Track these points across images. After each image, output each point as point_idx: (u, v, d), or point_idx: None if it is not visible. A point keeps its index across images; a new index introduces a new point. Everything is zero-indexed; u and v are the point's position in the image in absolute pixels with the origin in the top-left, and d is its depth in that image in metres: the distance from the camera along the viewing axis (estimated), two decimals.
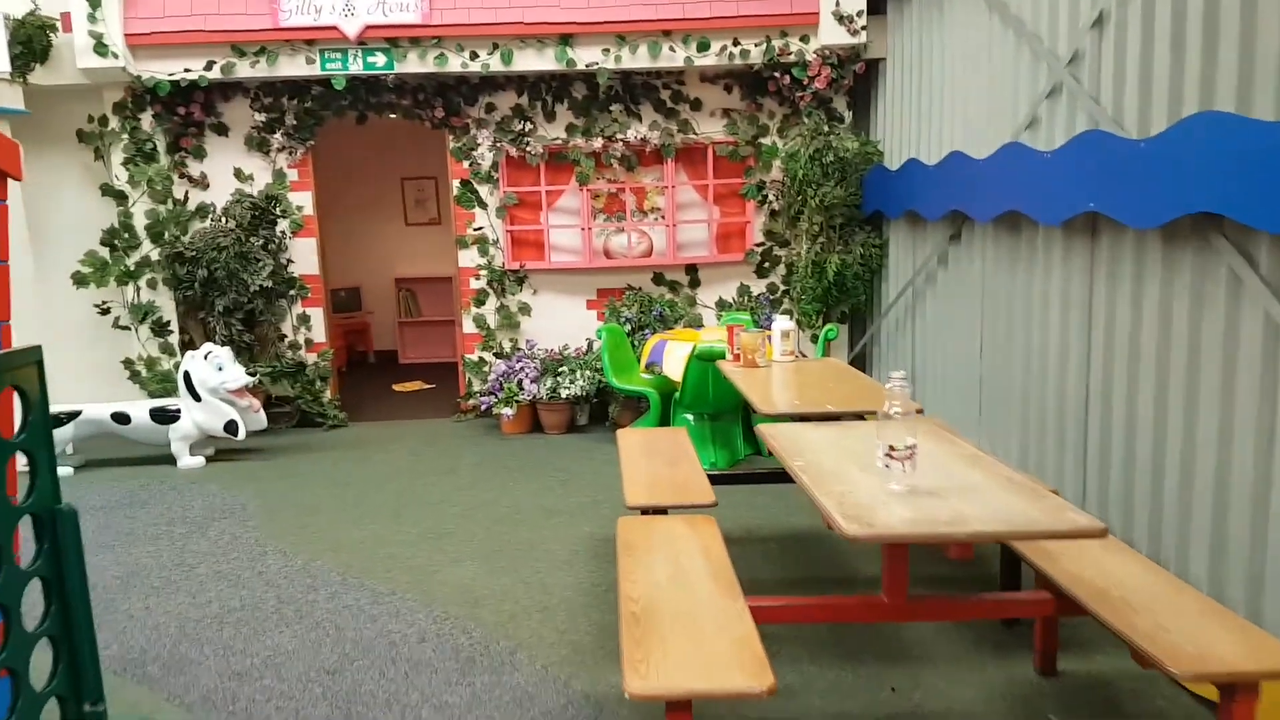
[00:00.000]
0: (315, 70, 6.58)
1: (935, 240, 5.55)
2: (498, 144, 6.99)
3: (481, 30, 6.52)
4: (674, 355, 5.74)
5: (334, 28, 6.45)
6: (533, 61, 6.62)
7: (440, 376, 9.07)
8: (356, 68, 6.59)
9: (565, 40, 6.57)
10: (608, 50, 6.58)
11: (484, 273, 7.19)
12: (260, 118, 6.96)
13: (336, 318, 9.76)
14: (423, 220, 10.20)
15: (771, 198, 7.07)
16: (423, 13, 6.44)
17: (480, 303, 7.23)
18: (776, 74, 6.67)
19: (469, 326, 7.28)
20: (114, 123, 6.77)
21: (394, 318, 10.14)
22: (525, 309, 7.21)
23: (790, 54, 6.59)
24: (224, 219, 6.88)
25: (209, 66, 6.53)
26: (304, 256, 7.21)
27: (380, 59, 6.58)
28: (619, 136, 6.88)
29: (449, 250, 9.93)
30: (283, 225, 7.12)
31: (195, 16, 6.44)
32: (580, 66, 6.61)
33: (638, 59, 6.60)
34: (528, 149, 6.92)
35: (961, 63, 5.16)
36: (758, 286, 7.21)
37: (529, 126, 7.00)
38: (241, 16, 6.44)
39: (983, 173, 4.60)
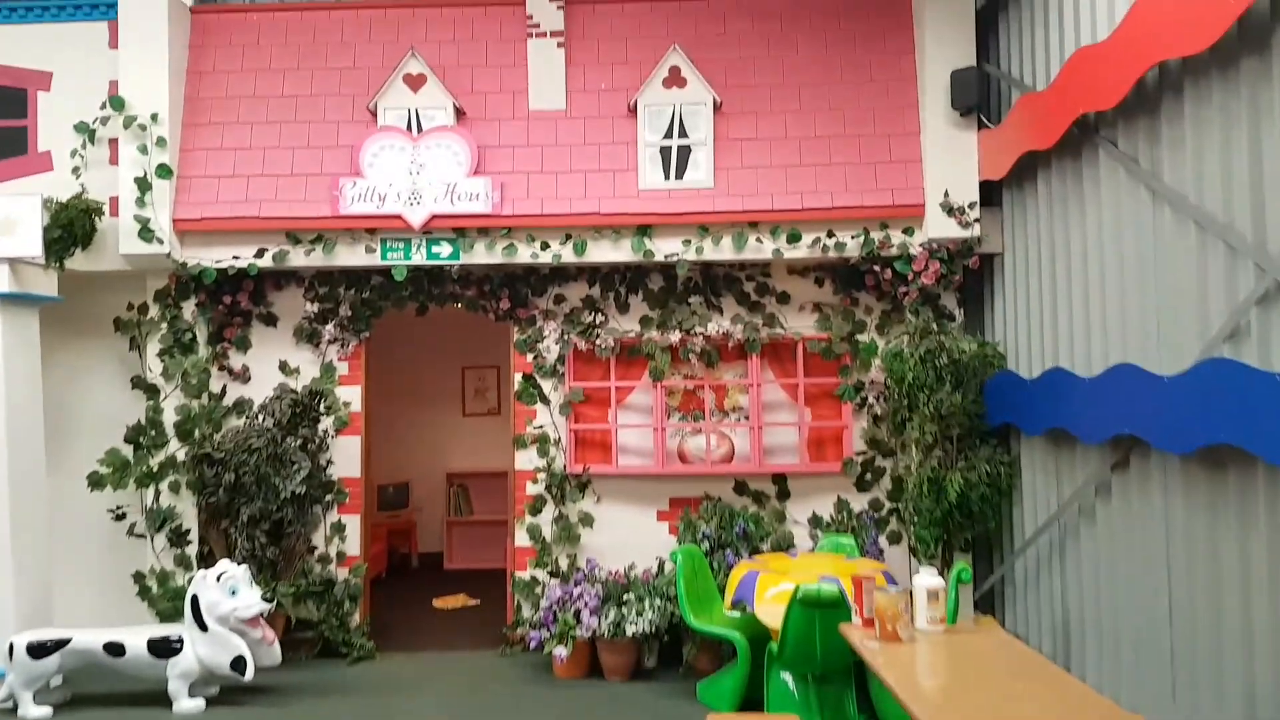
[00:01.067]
0: (375, 260, 6.08)
1: (1092, 466, 4.60)
2: (565, 336, 6.34)
3: (554, 221, 6.01)
4: (769, 594, 4.75)
5: (397, 217, 5.99)
6: (607, 252, 6.06)
7: (488, 587, 8.11)
8: (419, 258, 6.08)
9: (643, 231, 6.02)
10: (689, 241, 6.01)
11: (542, 476, 6.37)
12: (313, 308, 6.44)
13: (380, 516, 8.97)
14: (481, 411, 9.54)
15: (872, 400, 6.23)
16: (493, 203, 5.97)
17: (536, 510, 6.37)
18: (876, 267, 6.00)
19: (522, 538, 6.39)
20: (154, 311, 6.28)
21: (443, 516, 9.29)
22: (587, 519, 6.32)
23: (891, 247, 5.93)
24: (260, 416, 6.23)
25: (260, 254, 6.07)
26: (346, 457, 6.49)
27: (445, 249, 6.08)
28: (698, 330, 6.19)
29: (508, 440, 9.24)
30: (326, 423, 6.45)
31: (250, 202, 6.04)
32: (659, 258, 6.02)
33: (721, 250, 6.00)
34: (597, 342, 6.26)
35: (1116, 259, 4.40)
36: (858, 501, 6.26)
37: (600, 318, 6.36)
38: (300, 203, 6.03)
39: (1169, 392, 3.72)
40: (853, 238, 5.95)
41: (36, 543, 5.58)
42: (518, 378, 6.45)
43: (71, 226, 5.73)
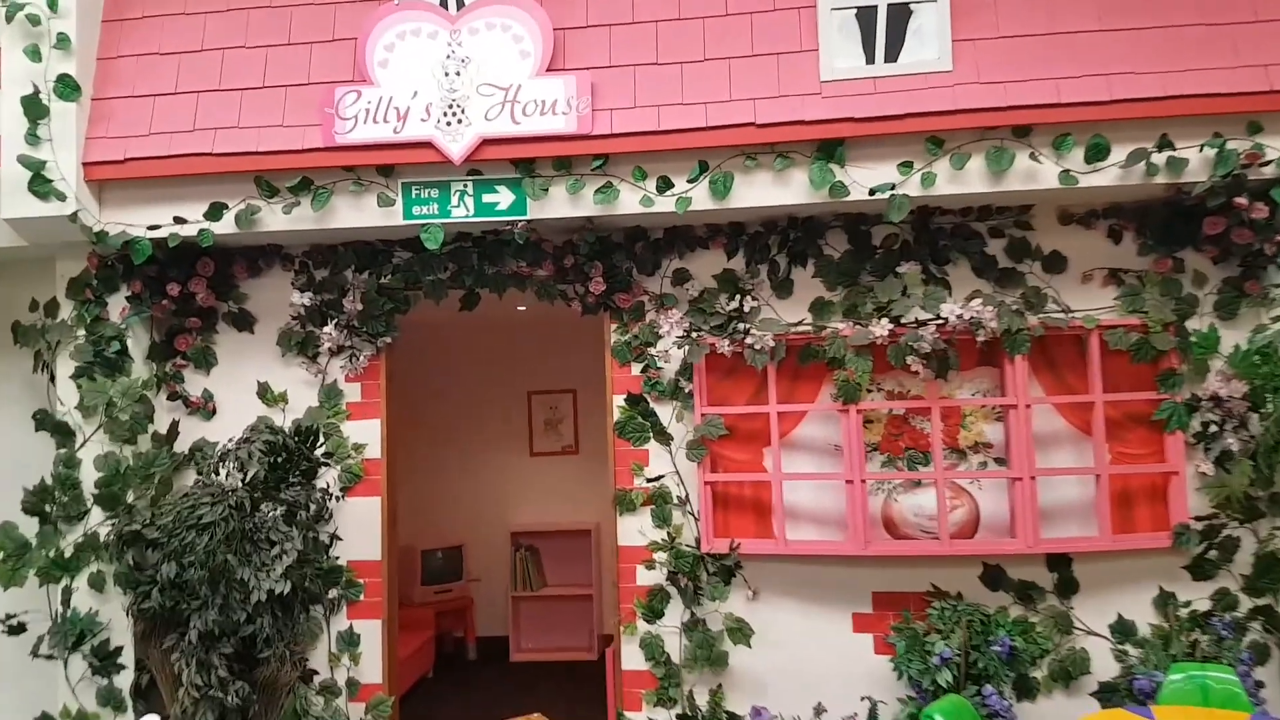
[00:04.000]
0: (394, 218, 3.81)
1: None
2: (693, 334, 3.97)
3: (678, 141, 3.65)
4: None
5: (427, 144, 3.71)
6: (766, 192, 3.69)
7: (566, 687, 5.74)
8: (463, 212, 3.78)
9: (829, 152, 3.62)
10: (908, 166, 3.59)
11: (663, 555, 3.99)
12: (305, 300, 4.18)
13: (425, 593, 6.65)
14: (553, 449, 7.17)
15: (1218, 427, 3.71)
16: (579, 116, 3.64)
17: (654, 611, 3.99)
18: (1236, 201, 3.50)
19: (632, 659, 4.01)
20: (66, 311, 4.08)
21: (506, 589, 6.92)
22: (738, 629, 3.89)
23: (1266, 162, 3.43)
24: (221, 471, 3.97)
25: (216, 213, 3.84)
26: (360, 528, 4.21)
27: (503, 197, 3.77)
28: (918, 317, 3.76)
29: (588, 487, 6.90)
30: (327, 477, 4.17)
31: (199, 133, 3.82)
32: (854, 195, 3.62)
33: (964, 179, 3.58)
34: (746, 341, 3.87)
35: None
36: (1194, 595, 3.73)
37: (748, 304, 3.97)
38: (276, 131, 3.79)
39: None
40: (1198, 150, 3.47)
41: None
42: (618, 402, 4.10)
43: None
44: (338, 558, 4.19)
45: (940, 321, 3.73)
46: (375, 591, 4.20)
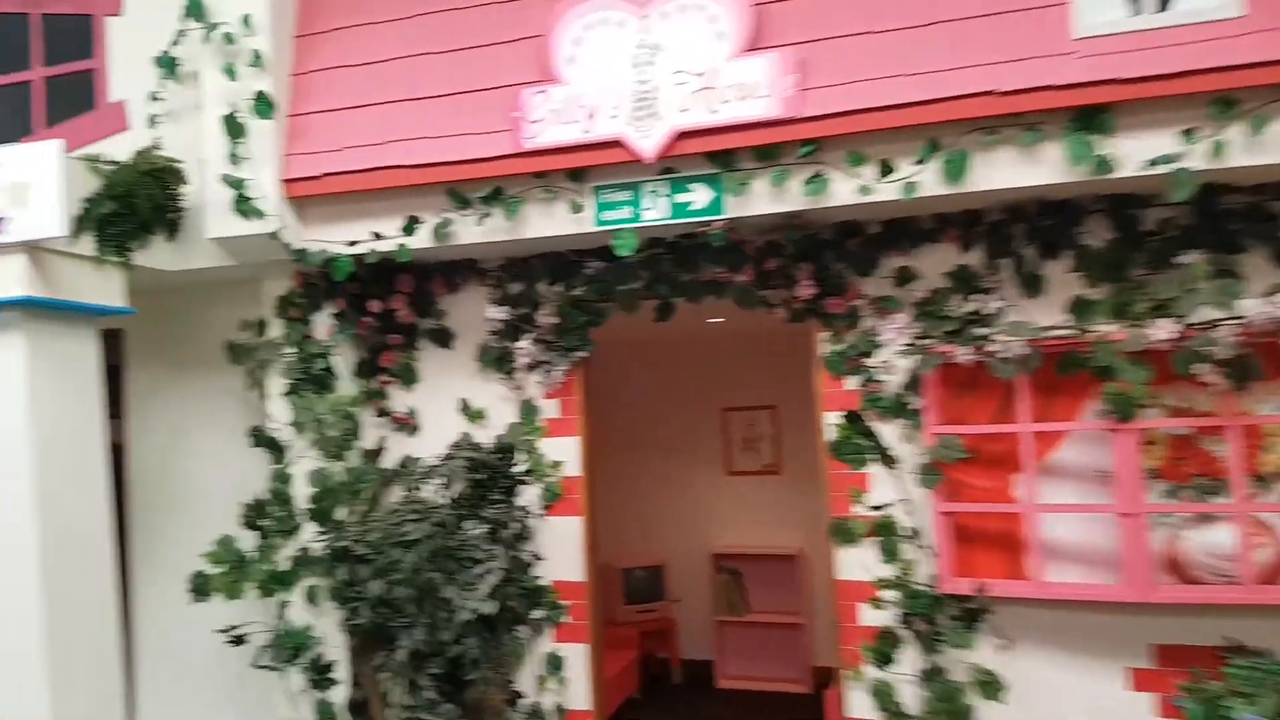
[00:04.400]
0: (584, 225, 3.56)
1: None
2: (921, 342, 3.46)
3: (900, 118, 3.16)
4: None
5: (615, 143, 3.42)
6: (1010, 171, 3.12)
7: (781, 717, 5.36)
8: (656, 214, 3.47)
9: (1088, 120, 3.01)
10: (1189, 134, 2.92)
11: (892, 595, 3.51)
12: (498, 314, 4.03)
13: (628, 612, 6.46)
14: (753, 468, 6.76)
15: None
16: (783, 98, 3.23)
17: (883, 658, 3.51)
18: None
19: (859, 706, 3.55)
20: (275, 330, 4.14)
21: (710, 612, 6.59)
22: (988, 683, 3.35)
23: None
24: (424, 486, 3.89)
25: (411, 227, 3.74)
26: (561, 548, 4.01)
27: (700, 195, 3.43)
28: (1208, 318, 3.07)
29: (793, 510, 6.46)
30: (528, 495, 4.00)
31: (393, 146, 3.71)
32: (1125, 172, 2.99)
33: (1263, 148, 2.86)
34: (988, 349, 3.31)
35: None
36: None
37: (990, 305, 3.41)
38: (466, 140, 3.63)
39: None
40: None
41: (100, 674, 3.60)
42: (832, 420, 3.65)
43: (131, 198, 3.66)
44: (540, 578, 4.01)
45: (1239, 321, 3.02)
46: (579, 613, 3.99)
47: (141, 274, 3.86)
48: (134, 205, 3.66)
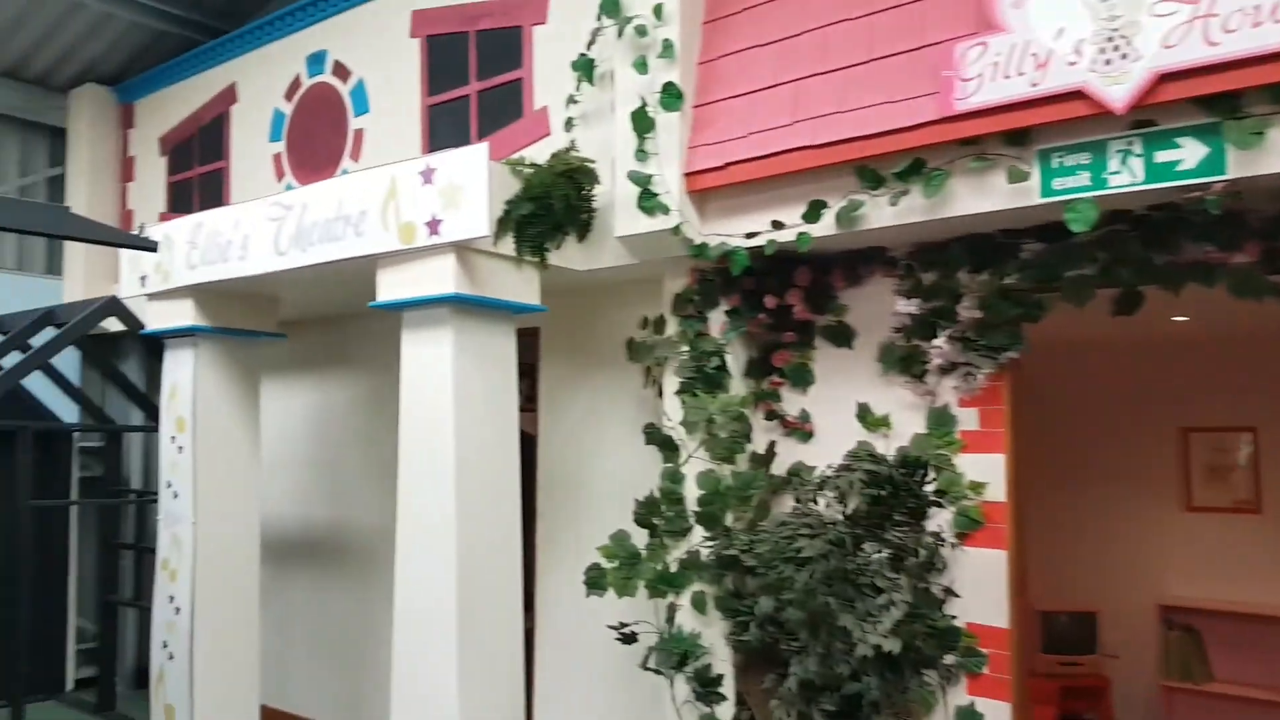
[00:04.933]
0: (1027, 198, 2.99)
1: None
2: None
3: None
4: None
5: (1076, 94, 2.81)
6: None
7: None
8: (1126, 178, 2.80)
9: None
10: None
11: None
12: (908, 308, 3.56)
13: (1048, 661, 5.57)
14: (1221, 504, 5.50)
15: None
16: None
17: None
18: None
19: None
20: (672, 327, 4.03)
21: (1154, 675, 5.45)
22: None
23: None
24: (817, 499, 3.53)
25: (814, 213, 3.40)
26: (980, 585, 3.43)
27: (1189, 152, 2.70)
28: None
29: (1276, 560, 5.13)
30: (939, 519, 3.48)
31: (797, 128, 3.42)
32: None
33: None
34: None
35: None
36: None
37: None
38: (880, 111, 3.22)
39: None
40: None
41: (505, 656, 3.77)
42: None
43: (547, 199, 3.75)
44: (954, 618, 3.45)
45: None
46: (1000, 665, 3.37)
47: (554, 273, 3.96)
48: (550, 206, 3.76)
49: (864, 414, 3.70)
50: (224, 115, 5.99)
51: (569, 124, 4.08)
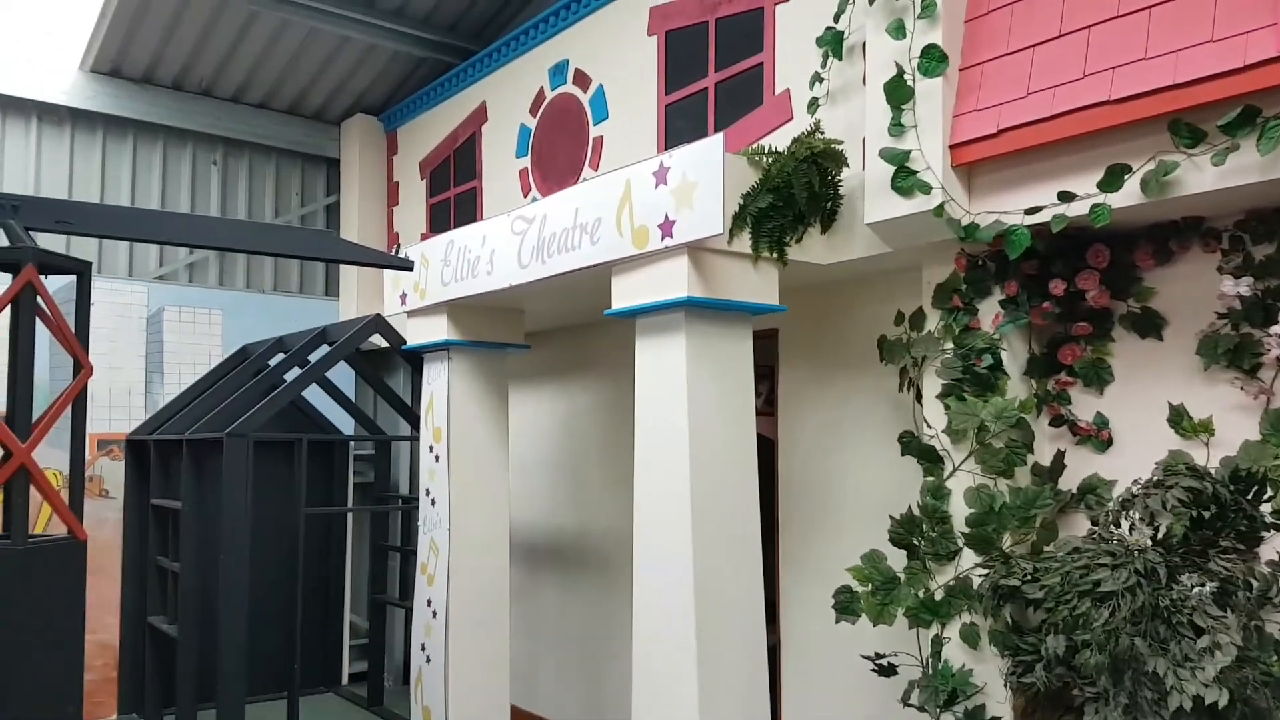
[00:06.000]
0: None
1: None
2: None
3: None
4: None
5: None
6: None
7: None
8: None
9: None
10: None
11: None
12: (1235, 290, 2.93)
13: None
14: None
15: None
16: None
17: None
18: None
19: None
20: (932, 322, 3.61)
21: None
22: None
23: None
24: (1119, 521, 2.97)
25: (1114, 180, 2.88)
26: None
27: None
28: None
29: None
30: (1279, 544, 2.83)
31: (1090, 79, 2.92)
32: None
33: None
34: None
35: None
36: None
37: None
38: (1198, 52, 2.67)
39: None
40: None
41: (747, 677, 3.53)
42: None
43: (788, 188, 3.47)
44: None
45: None
46: None
47: (794, 270, 3.68)
48: (790, 196, 3.48)
49: (1178, 418, 3.10)
50: (475, 135, 6.23)
51: (813, 105, 3.78)
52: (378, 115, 7.35)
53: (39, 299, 4.11)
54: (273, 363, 6.14)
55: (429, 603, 4.94)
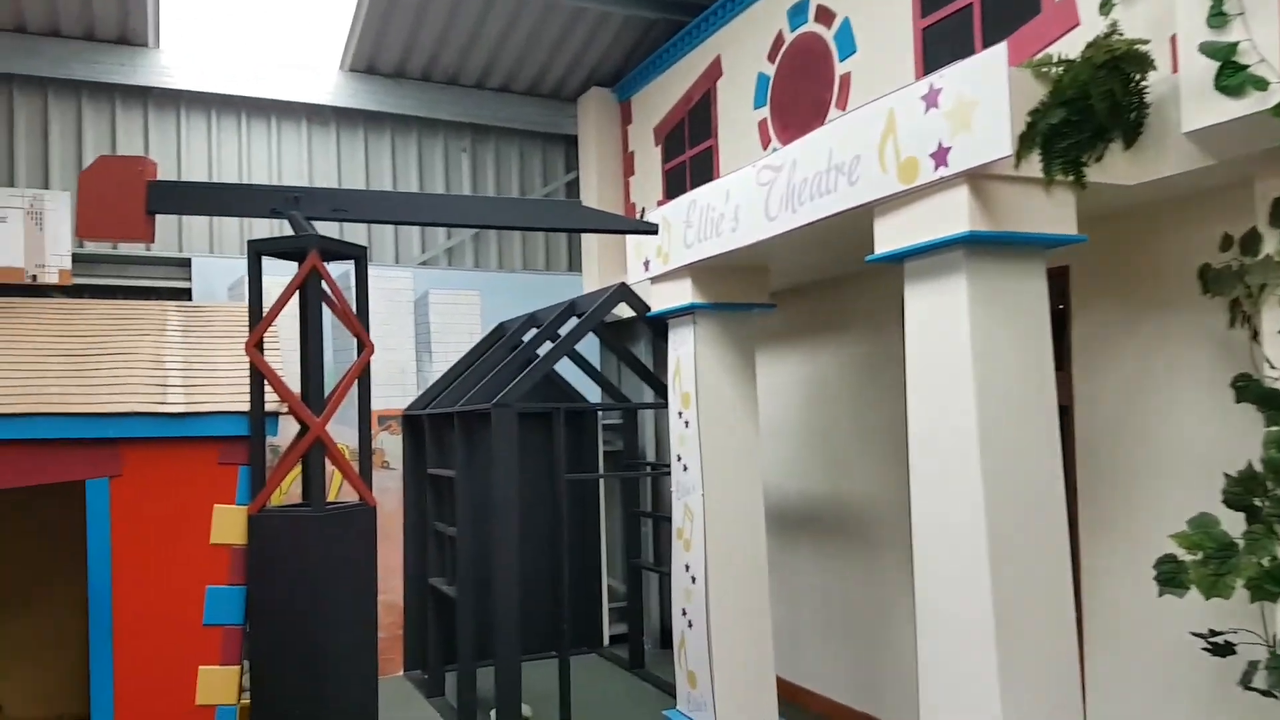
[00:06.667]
0: None
1: None
2: None
3: None
4: None
5: None
6: None
7: None
8: None
9: None
10: None
11: None
12: None
13: None
14: None
15: None
16: None
17: None
18: None
19: None
20: (1271, 244, 3.03)
21: None
22: None
23: None
24: None
25: None
26: None
27: None
28: None
29: None
30: None
31: None
32: None
33: None
34: None
35: None
36: None
37: None
38: None
39: None
40: None
41: (1052, 658, 3.14)
42: None
43: (1084, 99, 3.02)
44: None
45: None
46: None
47: (1092, 194, 3.22)
48: (1087, 109, 3.03)
49: None
50: (710, 92, 6.08)
51: (1106, 5, 3.28)
52: (611, 87, 7.38)
53: (323, 284, 4.41)
54: (526, 337, 6.35)
55: (687, 568, 4.90)
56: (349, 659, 4.11)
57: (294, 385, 4.20)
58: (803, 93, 5.21)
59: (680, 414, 5.01)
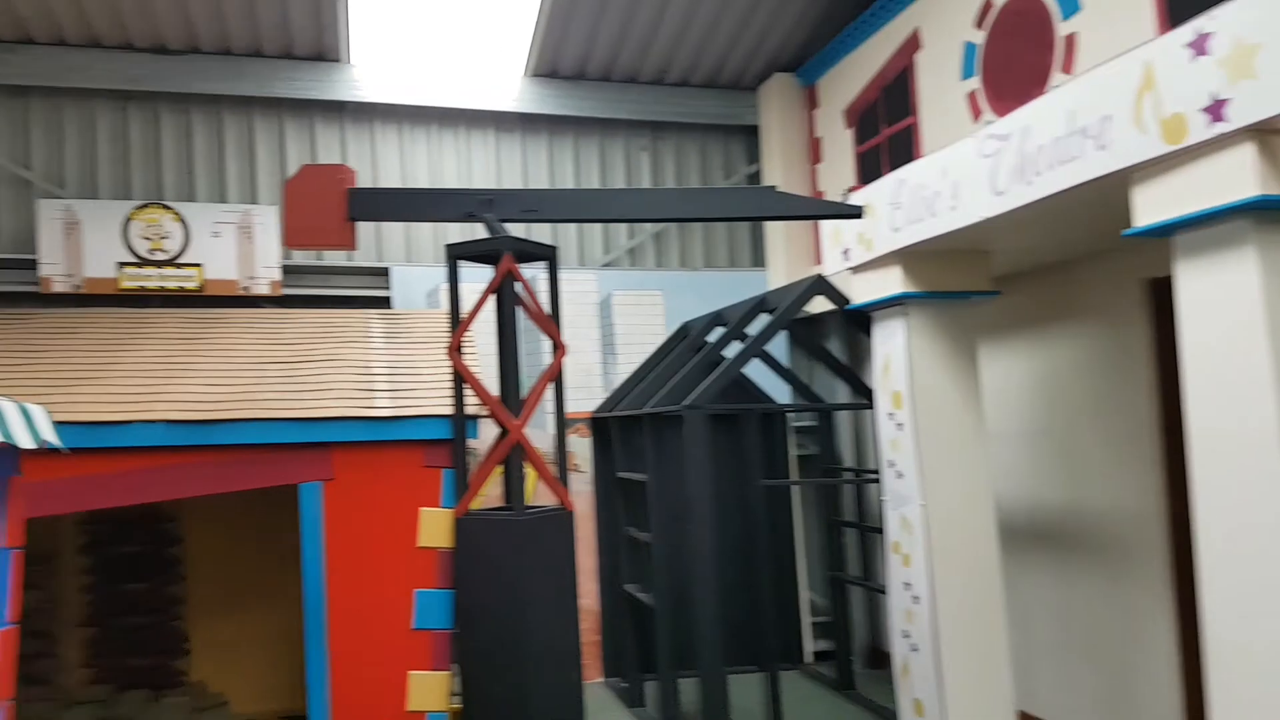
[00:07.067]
0: None
1: None
2: None
3: None
4: None
5: None
6: None
7: None
8: None
9: None
10: None
11: None
12: None
13: None
14: None
15: None
16: None
17: None
18: None
19: None
20: None
21: None
22: None
23: None
24: None
25: None
26: None
27: None
28: None
29: None
30: None
31: None
32: None
33: None
34: None
35: None
36: None
37: None
38: None
39: None
40: None
41: None
42: None
43: None
44: None
45: None
46: None
47: None
48: None
49: None
50: (908, 67, 5.64)
51: None
52: (794, 72, 7.04)
53: (517, 286, 4.32)
54: (712, 337, 6.10)
55: (907, 586, 4.49)
56: (555, 663, 3.99)
57: (489, 388, 4.11)
58: (1019, 58, 4.70)
59: (891, 415, 4.62)
